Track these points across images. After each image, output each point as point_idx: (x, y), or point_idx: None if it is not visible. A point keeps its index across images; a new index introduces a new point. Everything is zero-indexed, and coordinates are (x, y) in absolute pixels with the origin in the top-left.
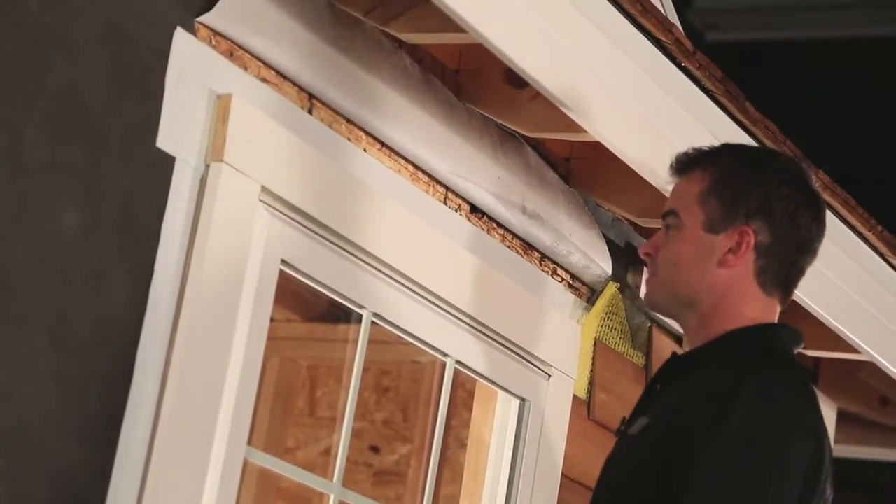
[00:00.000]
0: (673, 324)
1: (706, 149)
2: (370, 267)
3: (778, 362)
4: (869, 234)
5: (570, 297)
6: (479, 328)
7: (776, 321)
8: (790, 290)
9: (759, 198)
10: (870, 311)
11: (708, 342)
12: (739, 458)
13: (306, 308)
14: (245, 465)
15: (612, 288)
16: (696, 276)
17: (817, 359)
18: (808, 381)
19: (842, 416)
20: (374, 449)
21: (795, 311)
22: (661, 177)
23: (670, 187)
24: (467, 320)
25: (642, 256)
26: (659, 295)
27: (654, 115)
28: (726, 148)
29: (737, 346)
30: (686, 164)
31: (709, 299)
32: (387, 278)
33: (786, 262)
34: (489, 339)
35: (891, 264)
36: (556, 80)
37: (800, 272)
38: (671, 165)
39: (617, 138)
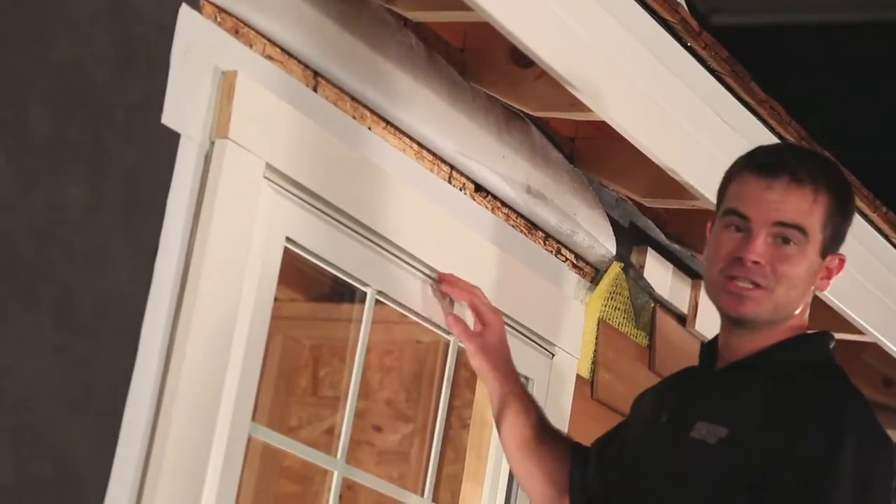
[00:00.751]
0: (678, 304)
1: (806, 156)
2: (375, 245)
3: (849, 385)
4: (874, 216)
5: (573, 276)
6: None
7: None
8: None
9: (847, 229)
10: (874, 292)
11: (767, 347)
12: (861, 499)
13: (310, 288)
14: (249, 442)
15: (616, 268)
16: (801, 298)
17: None
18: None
19: None
20: (377, 428)
21: None
22: (665, 157)
23: (761, 187)
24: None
25: (748, 263)
26: (767, 313)
27: (660, 95)
28: (832, 167)
29: (800, 358)
30: (800, 173)
31: (792, 315)
32: (391, 257)
33: None
34: None
35: (893, 244)
36: (561, 59)
37: None
38: (774, 168)
39: (622, 118)
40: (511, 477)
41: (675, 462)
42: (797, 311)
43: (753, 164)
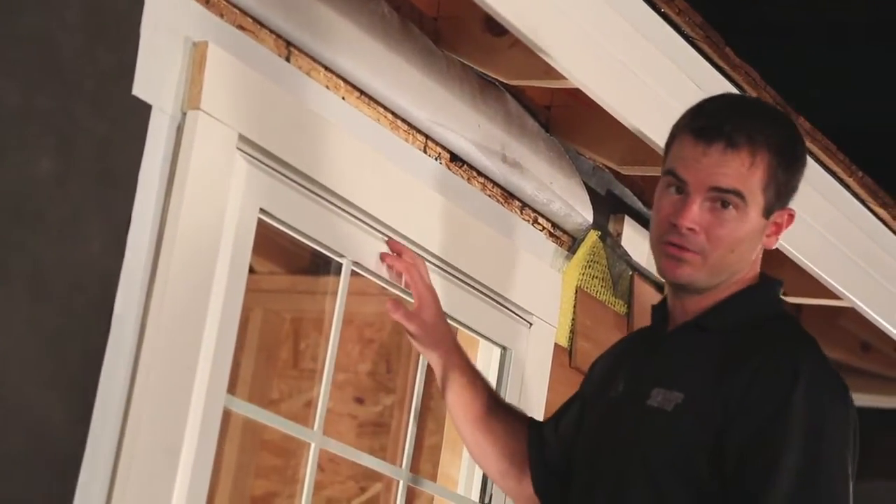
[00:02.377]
0: (655, 272)
1: (744, 115)
2: (349, 216)
3: (800, 334)
4: (850, 181)
5: (551, 245)
6: (461, 277)
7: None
8: None
9: (799, 181)
10: (850, 257)
11: (713, 306)
12: (811, 455)
13: (289, 260)
14: (229, 416)
15: (593, 236)
16: (745, 260)
17: (799, 305)
18: (822, 350)
19: None
20: (359, 400)
21: (777, 258)
22: (640, 125)
23: (698, 152)
24: (448, 269)
25: (684, 230)
26: (703, 277)
27: (634, 62)
28: (766, 118)
29: (749, 312)
30: (735, 136)
31: (740, 273)
32: (366, 227)
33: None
34: (470, 288)
35: (871, 210)
36: (534, 27)
37: None
38: (721, 133)
39: (596, 86)
40: None
41: (634, 430)
42: (741, 271)
43: (692, 127)
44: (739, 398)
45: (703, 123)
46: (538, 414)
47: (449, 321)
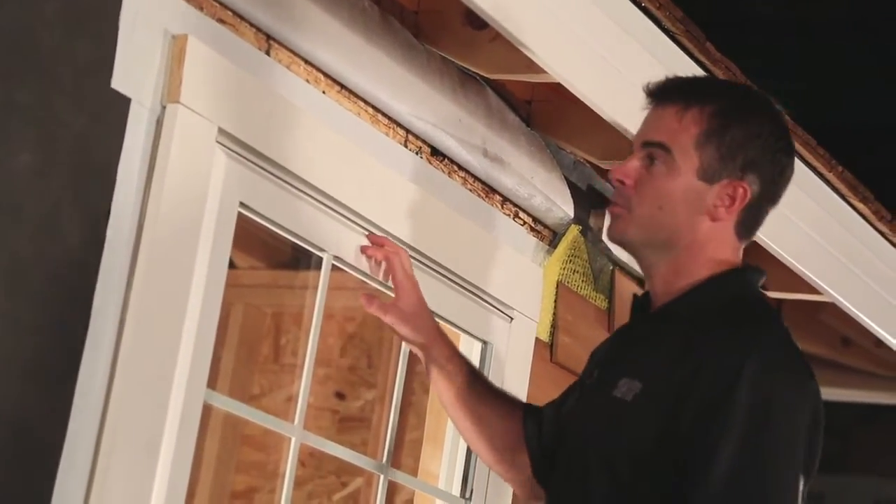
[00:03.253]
0: (636, 266)
1: (693, 79)
2: (330, 210)
3: (764, 318)
4: (830, 175)
5: (532, 240)
6: (441, 271)
7: (747, 265)
8: (754, 234)
9: (755, 151)
10: (831, 251)
11: (683, 293)
12: (752, 438)
13: (270, 255)
14: (210, 411)
15: (574, 230)
16: (680, 222)
17: (779, 300)
18: (793, 339)
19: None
20: (340, 395)
21: (757, 253)
22: (621, 119)
23: (643, 113)
24: (429, 263)
25: (613, 182)
26: (631, 232)
27: (615, 56)
28: (716, 85)
29: (718, 298)
30: (673, 93)
31: (688, 248)
32: (347, 221)
33: (764, 212)
34: (451, 283)
35: (852, 205)
36: (515, 20)
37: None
38: (651, 90)
39: (577, 80)
40: None
41: (599, 422)
42: (697, 243)
43: (645, 94)
44: (689, 383)
45: (650, 88)
46: None
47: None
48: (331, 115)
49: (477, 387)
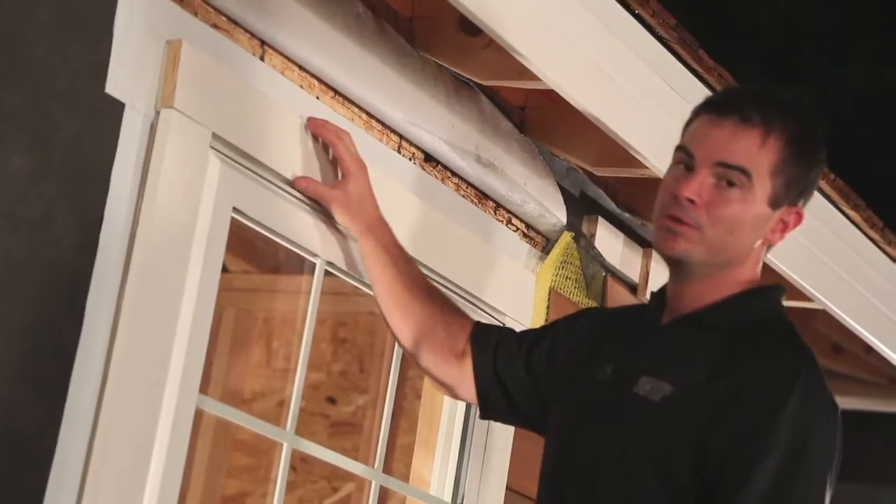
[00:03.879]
0: (629, 273)
1: (765, 96)
2: (323, 215)
3: (800, 344)
4: (822, 183)
5: (524, 246)
6: (434, 277)
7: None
8: None
9: (812, 180)
10: (822, 259)
11: (715, 303)
12: (790, 470)
13: (262, 260)
14: (201, 416)
15: (566, 237)
16: (745, 246)
17: None
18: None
19: None
20: (331, 400)
21: None
22: (614, 126)
23: (709, 125)
24: (422, 269)
25: (683, 200)
26: (698, 252)
27: (608, 64)
28: (788, 105)
29: (753, 314)
30: (752, 112)
31: (737, 265)
32: (340, 227)
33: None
34: (444, 288)
35: (843, 213)
36: (509, 27)
37: None
38: (735, 106)
39: (570, 86)
40: (462, 446)
41: (617, 417)
42: (742, 262)
43: (708, 103)
44: (731, 399)
45: (720, 99)
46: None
47: None
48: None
49: (416, 284)
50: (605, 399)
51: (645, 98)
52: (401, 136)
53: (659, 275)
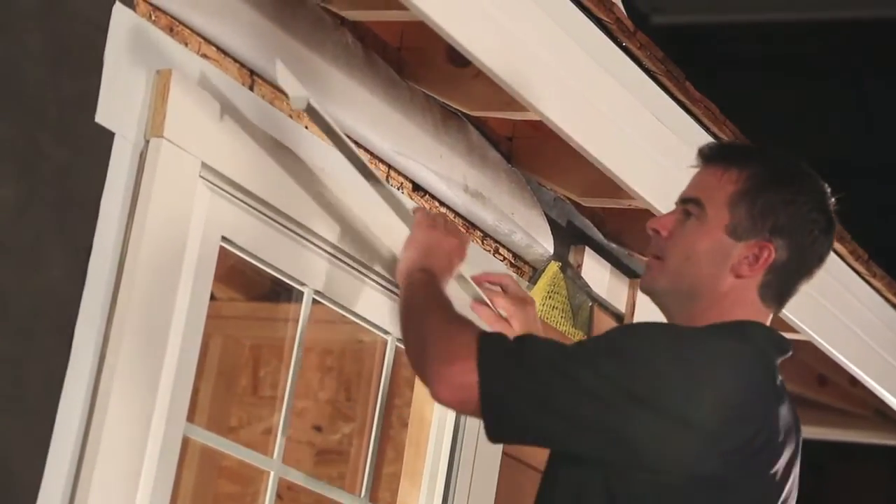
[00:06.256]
0: (616, 303)
1: (741, 146)
2: (311, 244)
3: (733, 333)
4: None
5: (512, 275)
6: None
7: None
8: (784, 304)
9: (787, 217)
10: (808, 291)
11: None
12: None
13: (249, 287)
14: (187, 443)
15: (553, 267)
16: (703, 274)
17: None
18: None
19: None
20: (318, 428)
21: None
22: (601, 157)
23: (691, 172)
24: None
25: (649, 231)
26: (661, 282)
27: (595, 95)
28: (763, 154)
29: None
30: (717, 156)
31: (709, 299)
32: (328, 256)
33: (792, 281)
34: None
35: None
36: (497, 58)
37: (797, 290)
38: (700, 152)
39: (558, 117)
40: (449, 475)
41: None
42: (715, 297)
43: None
44: None
45: (700, 150)
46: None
47: None
48: (313, 151)
49: None
50: None
51: (632, 129)
52: (389, 166)
53: (645, 306)
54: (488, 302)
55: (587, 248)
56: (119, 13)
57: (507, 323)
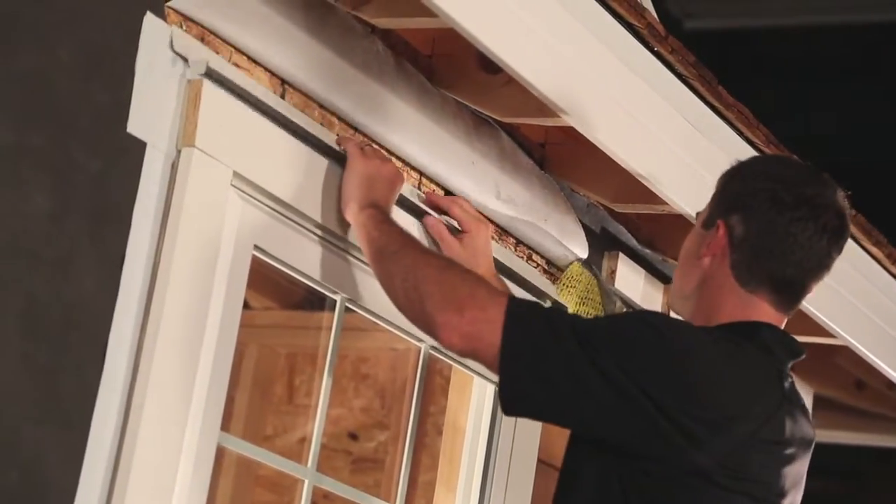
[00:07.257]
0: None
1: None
2: (344, 252)
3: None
4: None
5: (545, 282)
6: None
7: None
8: (785, 293)
9: (736, 191)
10: (844, 295)
11: None
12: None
13: (284, 296)
14: (223, 452)
15: (575, 267)
16: (686, 271)
17: None
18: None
19: (818, 401)
20: (353, 436)
21: None
22: (634, 162)
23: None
24: None
25: None
26: (671, 298)
27: (628, 100)
28: (762, 161)
29: None
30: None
31: (696, 292)
32: (360, 264)
33: (764, 257)
34: None
35: (865, 249)
36: (528, 65)
37: (794, 274)
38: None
39: (590, 123)
40: (483, 483)
41: None
42: (686, 290)
43: None
44: None
45: None
46: (532, 451)
47: (442, 357)
48: (345, 159)
49: None
50: None
51: (664, 134)
52: (421, 173)
53: None
54: (446, 220)
55: (621, 254)
56: (150, 23)
57: (459, 240)
